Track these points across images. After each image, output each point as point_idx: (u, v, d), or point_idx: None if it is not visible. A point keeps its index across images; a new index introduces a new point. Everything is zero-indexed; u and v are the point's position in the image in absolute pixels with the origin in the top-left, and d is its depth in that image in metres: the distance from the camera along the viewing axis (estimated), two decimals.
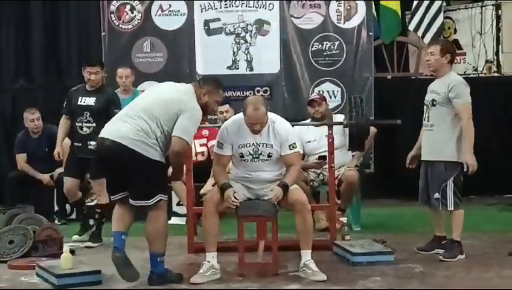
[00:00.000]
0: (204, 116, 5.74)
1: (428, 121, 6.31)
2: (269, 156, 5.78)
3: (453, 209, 6.15)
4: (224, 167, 5.91)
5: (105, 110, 7.03)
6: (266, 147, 5.76)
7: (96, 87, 7.22)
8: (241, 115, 5.81)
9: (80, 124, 7.17)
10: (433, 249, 6.34)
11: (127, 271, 5.49)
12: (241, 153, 5.79)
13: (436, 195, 6.19)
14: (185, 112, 5.42)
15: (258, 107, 5.61)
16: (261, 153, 5.77)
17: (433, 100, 6.24)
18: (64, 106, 7.37)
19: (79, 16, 10.20)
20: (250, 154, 5.77)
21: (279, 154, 5.78)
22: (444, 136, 6.17)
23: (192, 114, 5.47)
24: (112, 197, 5.66)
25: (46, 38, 10.19)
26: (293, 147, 5.78)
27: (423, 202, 6.46)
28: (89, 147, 7.02)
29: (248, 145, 5.76)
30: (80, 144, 7.15)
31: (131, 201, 5.50)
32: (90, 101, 7.17)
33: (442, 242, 6.34)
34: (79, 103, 7.20)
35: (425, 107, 6.36)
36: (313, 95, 8.01)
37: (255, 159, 5.78)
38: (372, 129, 7.35)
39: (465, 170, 6.12)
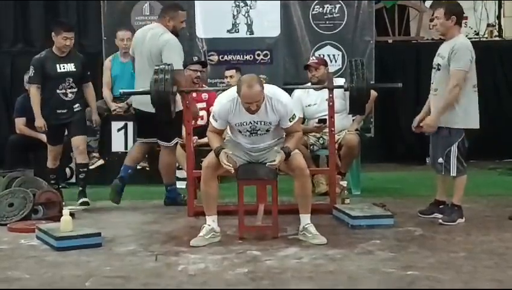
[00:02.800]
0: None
1: (434, 85, 6.25)
2: (267, 130, 5.72)
3: (455, 175, 6.13)
4: (219, 133, 5.86)
5: (83, 74, 7.22)
6: (264, 124, 5.66)
7: (66, 52, 7.16)
8: (235, 91, 5.62)
9: (64, 91, 7.10)
10: (433, 212, 6.34)
11: (115, 197, 6.97)
12: (239, 130, 5.74)
13: (440, 160, 6.16)
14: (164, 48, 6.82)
15: (252, 85, 5.45)
16: (258, 130, 5.69)
17: (438, 64, 6.17)
18: (32, 75, 7.12)
19: None
20: (247, 130, 5.70)
21: (278, 127, 5.72)
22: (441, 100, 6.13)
23: (171, 46, 6.84)
24: (142, 140, 7.19)
25: (45, 1, 10.12)
26: (292, 119, 5.70)
27: (432, 165, 6.43)
28: (75, 110, 7.16)
29: (245, 123, 5.66)
30: (66, 110, 7.13)
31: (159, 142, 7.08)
32: (71, 67, 7.13)
33: (440, 207, 6.34)
34: (59, 70, 7.09)
35: (432, 70, 6.29)
36: (311, 59, 7.96)
37: (253, 134, 5.72)
38: (373, 93, 7.32)
39: (422, 125, 6.17)
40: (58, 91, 7.08)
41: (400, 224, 6.07)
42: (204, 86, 8.19)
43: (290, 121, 5.68)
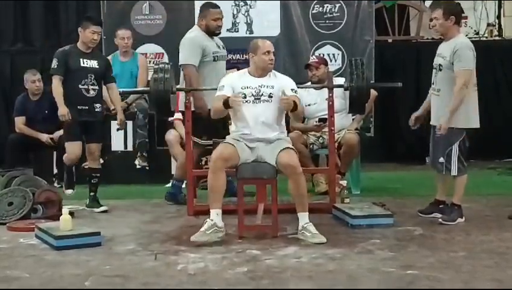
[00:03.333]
0: (212, 35, 7.08)
1: (435, 85, 6.24)
2: (270, 96, 5.89)
3: (456, 174, 6.13)
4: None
5: (104, 74, 7.03)
6: (267, 88, 5.91)
7: (91, 49, 7.01)
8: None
9: (86, 87, 6.88)
10: (432, 212, 6.34)
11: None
12: (244, 94, 5.88)
13: (441, 159, 6.15)
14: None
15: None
16: (262, 94, 5.88)
17: (440, 65, 6.15)
18: (55, 66, 6.85)
19: None
20: (252, 95, 5.88)
21: (279, 97, 5.88)
22: (446, 101, 6.11)
23: (182, 44, 7.14)
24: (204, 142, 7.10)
25: (44, 1, 10.12)
26: (295, 92, 5.95)
27: (432, 165, 6.43)
28: (96, 110, 6.95)
29: (251, 87, 5.93)
30: (87, 107, 6.88)
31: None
32: (94, 63, 6.95)
33: (440, 206, 6.33)
34: (82, 64, 6.91)
35: (433, 70, 6.28)
36: (311, 58, 7.96)
37: (257, 101, 5.87)
38: (373, 92, 7.32)
39: (437, 131, 6.12)
40: (80, 86, 6.85)
41: (399, 223, 6.06)
42: None
43: (292, 91, 5.92)
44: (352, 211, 6.14)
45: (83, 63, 6.90)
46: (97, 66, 6.97)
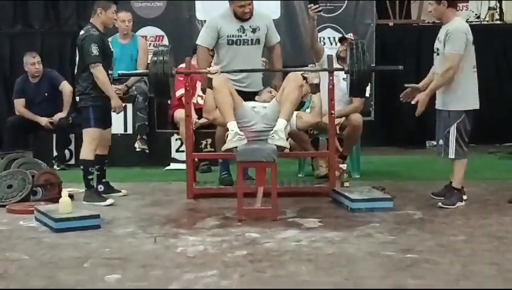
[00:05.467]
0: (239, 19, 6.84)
1: (435, 69, 6.27)
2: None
3: (453, 157, 6.12)
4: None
5: None
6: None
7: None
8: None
9: (111, 72, 6.71)
10: (445, 194, 6.31)
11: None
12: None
13: (441, 141, 6.18)
14: None
15: None
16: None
17: (437, 49, 6.19)
18: (97, 54, 6.37)
19: None
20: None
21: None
22: (447, 84, 6.12)
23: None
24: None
25: None
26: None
27: (436, 148, 6.42)
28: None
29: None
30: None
31: None
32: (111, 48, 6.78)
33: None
34: (111, 49, 6.73)
35: (434, 54, 6.31)
36: (348, 35, 7.85)
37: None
38: (357, 118, 7.31)
39: (412, 102, 6.21)
40: (110, 72, 6.63)
41: (399, 207, 6.06)
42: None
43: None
44: (352, 194, 6.13)
45: (110, 49, 6.71)
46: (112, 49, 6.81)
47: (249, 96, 6.64)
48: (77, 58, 6.60)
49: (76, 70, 6.64)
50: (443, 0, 6.14)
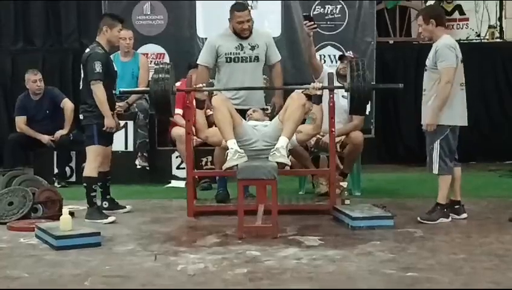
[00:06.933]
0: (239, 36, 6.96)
1: (423, 85, 6.34)
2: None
3: (437, 173, 6.16)
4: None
5: None
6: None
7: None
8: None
9: (114, 91, 6.73)
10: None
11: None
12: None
13: (427, 158, 6.21)
14: None
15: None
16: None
17: (426, 65, 6.28)
18: (100, 71, 6.39)
19: None
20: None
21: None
22: (431, 100, 6.17)
23: None
24: None
25: (45, 0, 10.13)
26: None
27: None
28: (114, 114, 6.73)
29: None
30: (112, 113, 6.56)
31: None
32: (115, 67, 6.82)
33: (456, 207, 6.32)
34: (115, 69, 6.77)
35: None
36: (347, 53, 7.89)
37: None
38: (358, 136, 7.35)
39: (423, 128, 6.21)
40: (113, 91, 6.66)
41: (399, 225, 6.05)
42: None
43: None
44: (353, 212, 6.13)
45: (114, 68, 6.74)
46: (116, 69, 6.84)
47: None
48: (82, 76, 6.62)
49: (81, 88, 6.66)
50: (431, 19, 6.23)
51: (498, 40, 10.48)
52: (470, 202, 6.65)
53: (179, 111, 7.59)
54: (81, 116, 6.63)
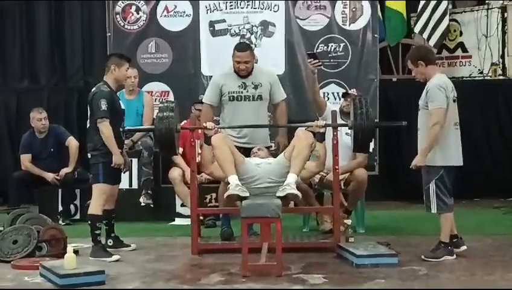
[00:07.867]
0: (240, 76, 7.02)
1: (418, 125, 6.37)
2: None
3: (436, 212, 6.18)
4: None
5: None
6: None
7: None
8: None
9: (122, 130, 6.71)
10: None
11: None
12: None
13: (424, 198, 6.25)
14: None
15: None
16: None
17: (419, 105, 6.32)
18: (105, 109, 6.45)
19: (84, 16, 10.26)
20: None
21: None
22: (424, 140, 6.21)
23: None
24: None
25: (50, 39, 10.26)
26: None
27: None
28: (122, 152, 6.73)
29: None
30: (121, 151, 6.61)
31: None
32: (122, 105, 6.83)
33: (454, 240, 6.31)
34: (122, 107, 6.78)
35: None
36: (350, 90, 7.92)
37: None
38: (362, 173, 7.38)
39: (411, 166, 6.29)
40: (119, 129, 6.64)
41: (404, 263, 6.04)
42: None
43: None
44: (357, 250, 6.13)
45: (121, 106, 6.75)
46: (123, 107, 6.85)
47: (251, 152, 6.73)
48: (89, 115, 6.66)
49: (88, 127, 6.70)
50: (419, 61, 6.28)
51: (501, 77, 10.51)
52: (474, 239, 6.64)
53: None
54: (89, 155, 6.66)
